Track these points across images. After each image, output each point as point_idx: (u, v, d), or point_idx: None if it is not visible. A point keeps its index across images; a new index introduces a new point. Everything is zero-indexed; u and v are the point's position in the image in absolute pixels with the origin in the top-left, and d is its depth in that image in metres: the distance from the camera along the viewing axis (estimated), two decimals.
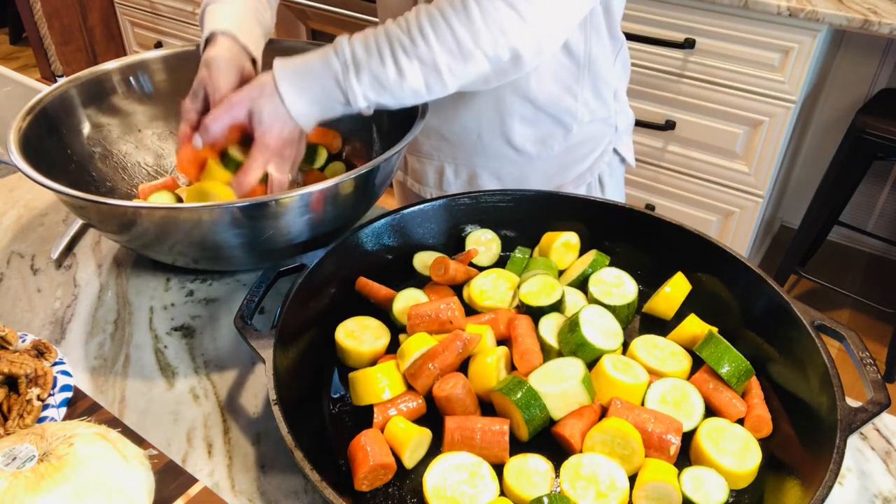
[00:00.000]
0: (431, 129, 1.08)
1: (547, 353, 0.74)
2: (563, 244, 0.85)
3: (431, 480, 0.62)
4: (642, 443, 0.64)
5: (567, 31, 0.84)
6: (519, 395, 0.66)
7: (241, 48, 0.91)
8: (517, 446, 0.66)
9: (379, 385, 0.68)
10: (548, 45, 0.81)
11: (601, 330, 0.73)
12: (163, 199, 0.96)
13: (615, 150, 1.13)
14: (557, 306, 0.77)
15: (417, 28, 0.77)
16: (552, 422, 0.68)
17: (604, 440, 0.64)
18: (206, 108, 0.87)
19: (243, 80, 0.89)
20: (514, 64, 0.80)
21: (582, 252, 0.87)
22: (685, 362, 0.74)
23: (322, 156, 1.07)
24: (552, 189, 1.07)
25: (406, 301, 0.79)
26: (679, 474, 0.63)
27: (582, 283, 0.82)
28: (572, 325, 0.72)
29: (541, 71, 0.98)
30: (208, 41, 0.91)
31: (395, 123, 0.96)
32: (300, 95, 0.80)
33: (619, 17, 1.02)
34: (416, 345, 0.70)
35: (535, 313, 0.77)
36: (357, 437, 0.64)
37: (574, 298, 0.80)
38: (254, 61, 0.93)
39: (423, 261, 0.87)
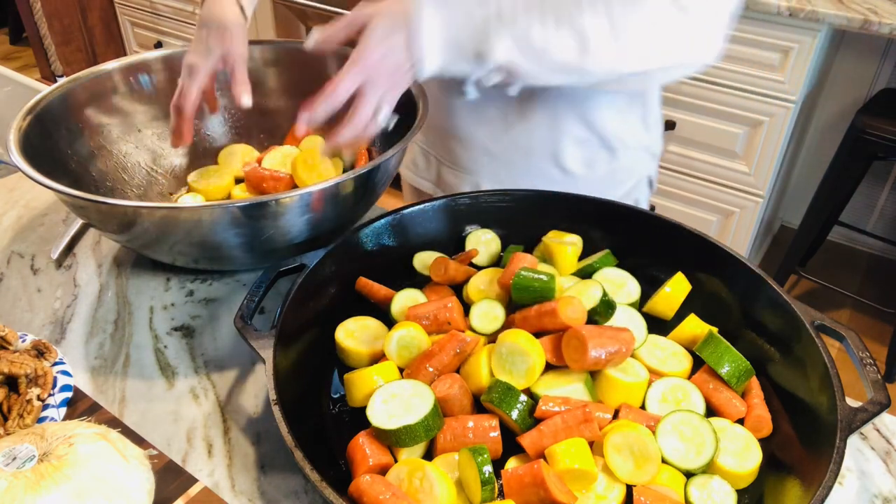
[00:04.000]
0: (475, 143, 1.04)
1: None
2: (564, 245, 0.85)
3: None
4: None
5: (718, 50, 0.81)
6: (494, 395, 0.66)
7: (240, 9, 0.87)
8: (513, 443, 0.66)
9: (374, 386, 0.68)
10: (709, 57, 0.80)
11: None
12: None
13: (649, 176, 1.13)
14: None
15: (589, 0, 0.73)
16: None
17: (620, 443, 0.64)
18: (213, 75, 0.86)
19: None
20: (664, 72, 0.81)
21: (584, 254, 0.87)
22: (686, 362, 0.74)
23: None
24: None
25: (405, 301, 0.79)
26: (686, 483, 0.63)
27: (584, 277, 0.83)
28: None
29: (602, 94, 0.97)
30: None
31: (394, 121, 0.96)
32: (441, 23, 0.71)
33: None
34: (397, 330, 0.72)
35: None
36: (355, 438, 0.64)
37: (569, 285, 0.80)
38: (244, 16, 0.89)
39: (423, 261, 0.87)
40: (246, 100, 0.86)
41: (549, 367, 0.70)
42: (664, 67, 0.80)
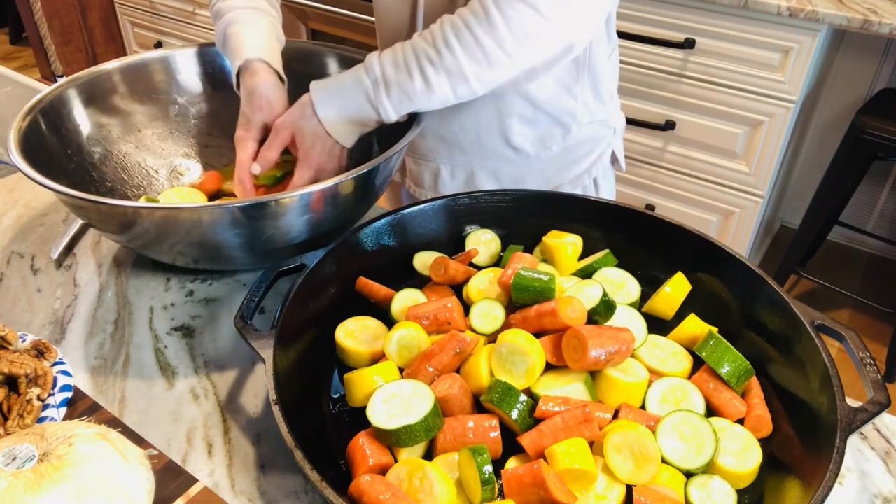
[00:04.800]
0: (428, 130, 1.07)
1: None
2: (564, 245, 0.85)
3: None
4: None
5: (594, 24, 0.85)
6: (494, 395, 0.66)
7: (275, 72, 0.94)
8: (513, 443, 0.66)
9: (374, 386, 0.68)
10: (577, 38, 0.83)
11: None
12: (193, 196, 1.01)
13: (613, 153, 1.13)
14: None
15: (442, 39, 0.80)
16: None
17: (620, 443, 0.64)
18: (264, 136, 0.93)
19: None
20: (544, 65, 0.83)
21: (584, 254, 0.87)
22: (686, 362, 0.74)
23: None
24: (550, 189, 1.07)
25: (404, 301, 0.79)
26: (686, 483, 0.63)
27: (584, 277, 0.83)
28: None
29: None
30: (243, 68, 0.94)
31: (393, 124, 0.96)
32: (336, 114, 0.85)
33: (614, 17, 1.03)
34: (397, 329, 0.72)
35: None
36: (355, 438, 0.64)
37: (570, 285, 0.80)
38: (282, 79, 0.96)
39: (423, 261, 0.87)
40: (255, 168, 0.92)
41: (549, 367, 0.70)
42: (547, 61, 0.84)
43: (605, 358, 0.67)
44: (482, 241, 0.89)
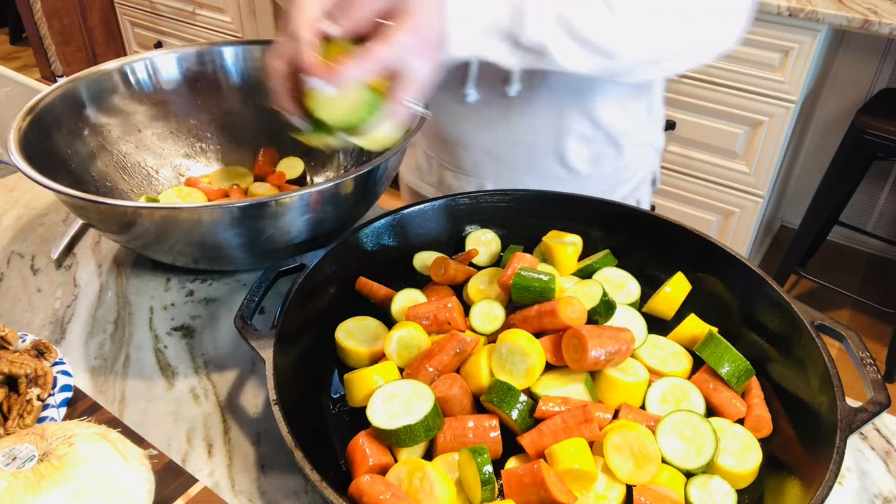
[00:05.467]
0: (477, 145, 1.03)
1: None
2: (564, 245, 0.85)
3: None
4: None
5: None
6: (494, 395, 0.66)
7: None
8: (513, 443, 0.66)
9: (374, 386, 0.68)
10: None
11: None
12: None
13: (652, 173, 1.12)
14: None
15: None
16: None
17: (620, 444, 0.64)
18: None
19: None
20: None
21: (584, 254, 0.87)
22: (686, 362, 0.74)
23: (298, 168, 1.08)
24: None
25: (405, 301, 0.79)
26: (686, 483, 0.63)
27: (584, 277, 0.83)
28: None
29: (607, 88, 0.96)
30: None
31: None
32: (472, 4, 0.67)
33: None
34: (398, 329, 0.72)
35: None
36: (355, 438, 0.64)
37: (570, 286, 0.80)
38: None
39: (423, 261, 0.87)
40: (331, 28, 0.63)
41: (549, 367, 0.70)
42: (694, 50, 0.79)
43: (605, 358, 0.67)
44: (482, 242, 0.89)
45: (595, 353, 0.66)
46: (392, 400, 0.65)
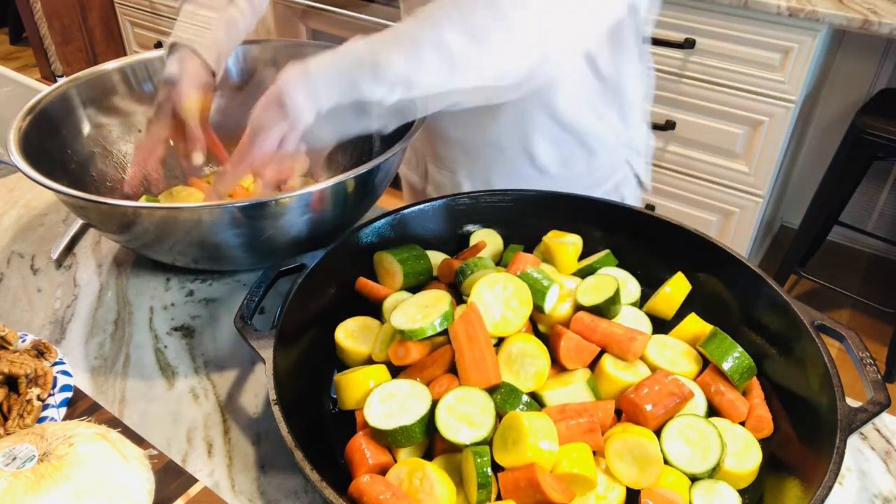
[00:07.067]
0: (453, 142, 1.05)
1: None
2: (564, 245, 0.85)
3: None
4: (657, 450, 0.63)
5: (583, 43, 0.80)
6: (497, 397, 0.66)
7: (201, 63, 0.90)
8: None
9: (366, 388, 0.68)
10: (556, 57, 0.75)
11: None
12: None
13: (636, 175, 1.11)
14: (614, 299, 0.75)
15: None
16: None
17: (620, 449, 0.63)
18: (173, 128, 0.90)
19: (205, 96, 0.91)
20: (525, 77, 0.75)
21: (584, 254, 0.87)
22: (695, 364, 0.73)
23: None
24: None
25: (396, 300, 0.79)
26: (690, 487, 0.63)
27: (584, 277, 0.82)
28: None
29: (569, 90, 0.96)
30: (171, 49, 0.91)
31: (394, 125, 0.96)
32: (321, 78, 0.70)
33: (648, 40, 0.99)
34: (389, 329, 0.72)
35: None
36: (355, 438, 0.64)
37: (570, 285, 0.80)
38: (213, 74, 0.92)
39: None
40: (196, 158, 0.90)
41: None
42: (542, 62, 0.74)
43: (665, 413, 0.66)
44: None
45: (653, 410, 0.66)
46: (389, 400, 0.65)
